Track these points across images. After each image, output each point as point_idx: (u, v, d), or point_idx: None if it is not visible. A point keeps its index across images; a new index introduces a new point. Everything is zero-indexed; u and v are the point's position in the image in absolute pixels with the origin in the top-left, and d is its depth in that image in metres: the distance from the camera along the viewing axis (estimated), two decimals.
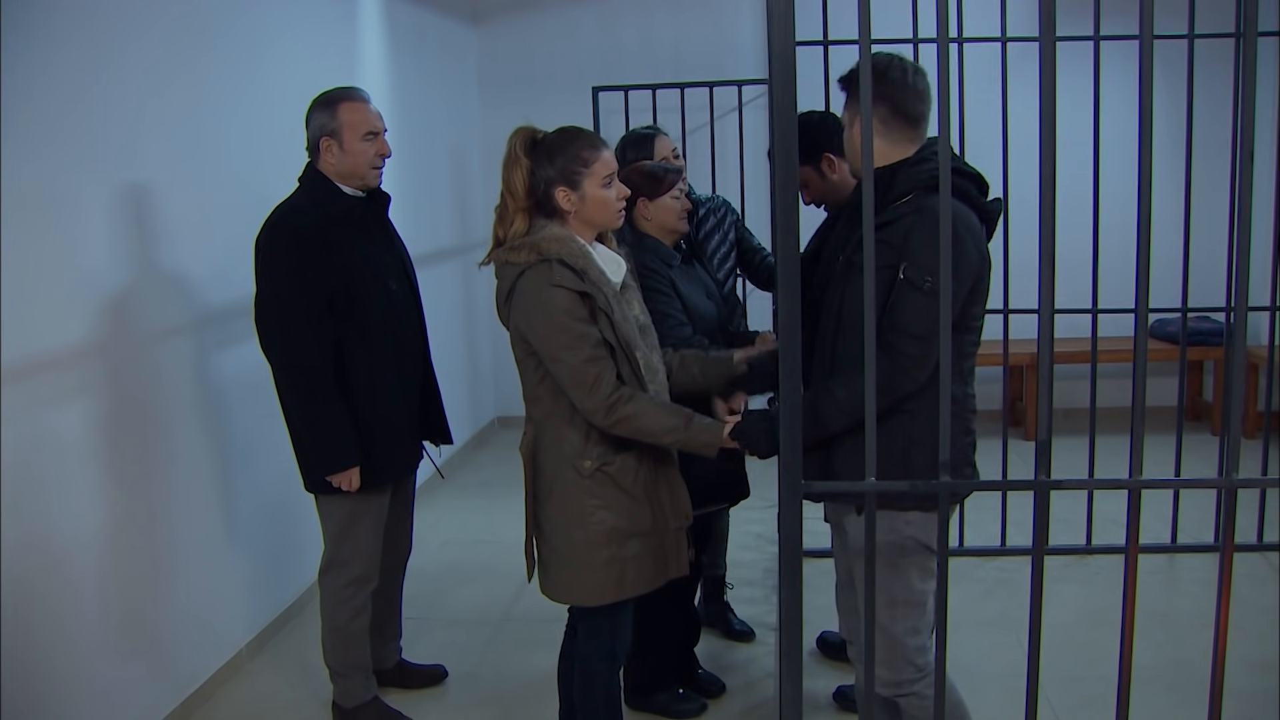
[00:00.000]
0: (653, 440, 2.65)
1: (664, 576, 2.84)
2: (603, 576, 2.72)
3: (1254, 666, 3.64)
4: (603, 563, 2.71)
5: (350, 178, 3.27)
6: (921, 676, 2.58)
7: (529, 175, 2.66)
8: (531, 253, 2.61)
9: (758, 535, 5.12)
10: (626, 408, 2.59)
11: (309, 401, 3.20)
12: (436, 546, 5.07)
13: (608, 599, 2.76)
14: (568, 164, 2.66)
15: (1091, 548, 4.78)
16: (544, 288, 2.58)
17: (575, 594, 2.79)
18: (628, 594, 2.77)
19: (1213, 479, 2.12)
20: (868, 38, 1.77)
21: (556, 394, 2.66)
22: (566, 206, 2.68)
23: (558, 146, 2.68)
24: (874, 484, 1.89)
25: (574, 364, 2.58)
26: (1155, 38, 1.75)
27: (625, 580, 2.75)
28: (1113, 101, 4.62)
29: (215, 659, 3.84)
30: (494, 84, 7.22)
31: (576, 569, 2.74)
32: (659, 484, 2.79)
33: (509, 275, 2.66)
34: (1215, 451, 5.37)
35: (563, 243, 2.63)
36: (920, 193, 2.43)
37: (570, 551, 2.73)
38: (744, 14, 6.99)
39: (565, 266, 2.60)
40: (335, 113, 3.22)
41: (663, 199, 3.23)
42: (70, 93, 3.12)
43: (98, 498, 3.24)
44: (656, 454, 2.79)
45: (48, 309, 3.02)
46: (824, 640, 3.88)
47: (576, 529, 2.71)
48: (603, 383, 2.59)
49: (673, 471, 2.85)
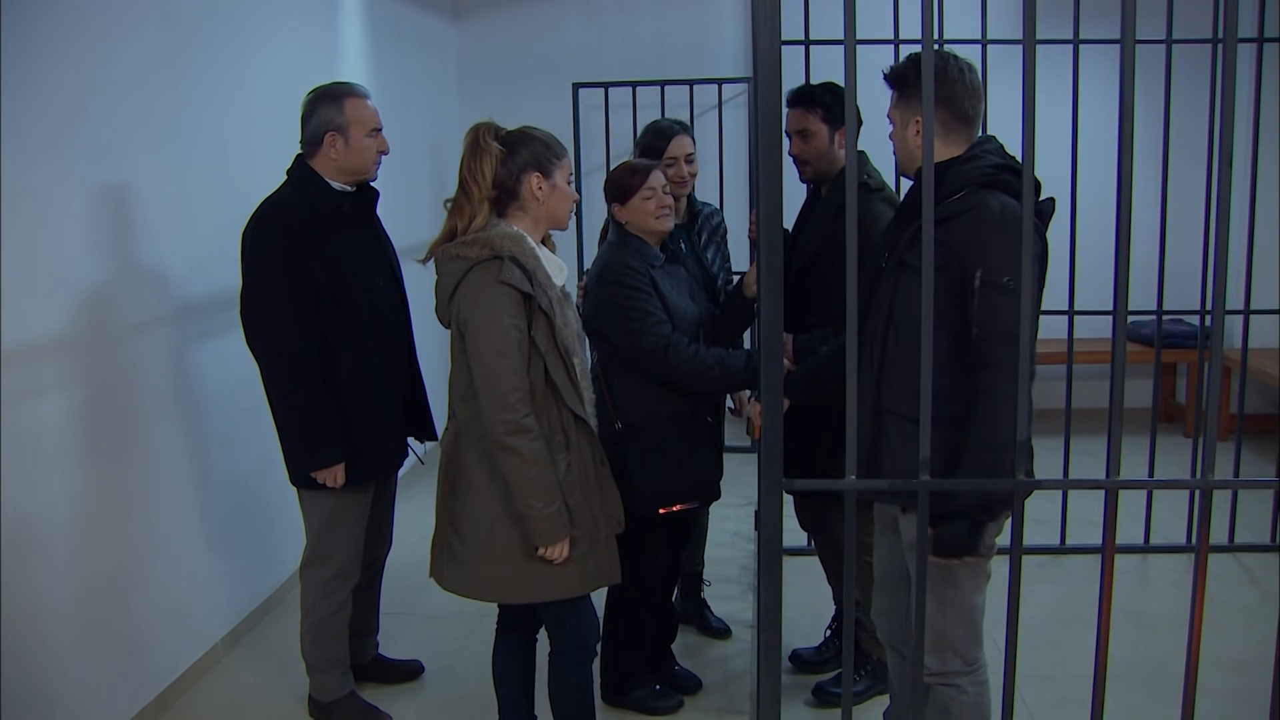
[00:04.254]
0: (514, 488, 2.62)
1: (594, 583, 2.83)
2: (524, 576, 2.72)
3: (1226, 666, 3.68)
4: (523, 563, 2.71)
5: (353, 173, 3.27)
6: (969, 671, 2.60)
7: (498, 163, 2.66)
8: (484, 248, 2.61)
9: (735, 533, 5.13)
10: (526, 444, 2.59)
11: (295, 396, 3.19)
12: (414, 542, 5.04)
13: (527, 598, 2.76)
14: (543, 152, 2.70)
15: (1066, 547, 4.81)
16: (491, 284, 2.58)
17: (491, 590, 2.79)
18: (551, 597, 2.76)
19: (1188, 480, 2.13)
20: (852, 38, 1.78)
21: None
22: (537, 194, 2.69)
23: (530, 137, 2.72)
24: (854, 482, 1.90)
25: (499, 370, 2.57)
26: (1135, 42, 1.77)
27: (547, 582, 2.74)
28: (1091, 105, 4.65)
29: (191, 653, 3.82)
30: (474, 80, 7.20)
31: (494, 565, 2.73)
32: (591, 490, 2.79)
33: (456, 270, 2.64)
34: (1188, 453, 5.41)
35: (516, 241, 2.64)
36: (972, 190, 2.43)
37: (489, 549, 2.72)
38: (726, 12, 7.00)
39: (516, 265, 2.60)
40: (342, 108, 3.21)
41: (633, 202, 3.24)
42: (49, 87, 3.09)
43: (74, 491, 3.22)
44: (591, 458, 2.79)
45: (25, 302, 3.00)
46: (797, 656, 3.84)
47: (498, 529, 2.70)
48: (520, 402, 2.59)
49: (606, 476, 2.84)
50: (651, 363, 3.15)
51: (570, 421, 2.73)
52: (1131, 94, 1.77)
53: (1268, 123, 4.60)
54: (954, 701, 2.61)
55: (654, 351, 3.14)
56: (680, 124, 3.70)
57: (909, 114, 2.55)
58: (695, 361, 3.16)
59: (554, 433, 2.70)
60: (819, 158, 3.33)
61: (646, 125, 3.78)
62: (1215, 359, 1.91)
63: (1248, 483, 2.15)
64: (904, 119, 2.57)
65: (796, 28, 4.37)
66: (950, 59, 2.51)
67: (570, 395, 2.71)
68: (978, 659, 2.64)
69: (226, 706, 3.69)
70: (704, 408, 3.33)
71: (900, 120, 2.59)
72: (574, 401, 2.72)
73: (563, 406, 2.71)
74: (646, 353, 3.14)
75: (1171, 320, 6.40)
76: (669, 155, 3.58)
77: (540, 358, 2.65)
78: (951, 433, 2.40)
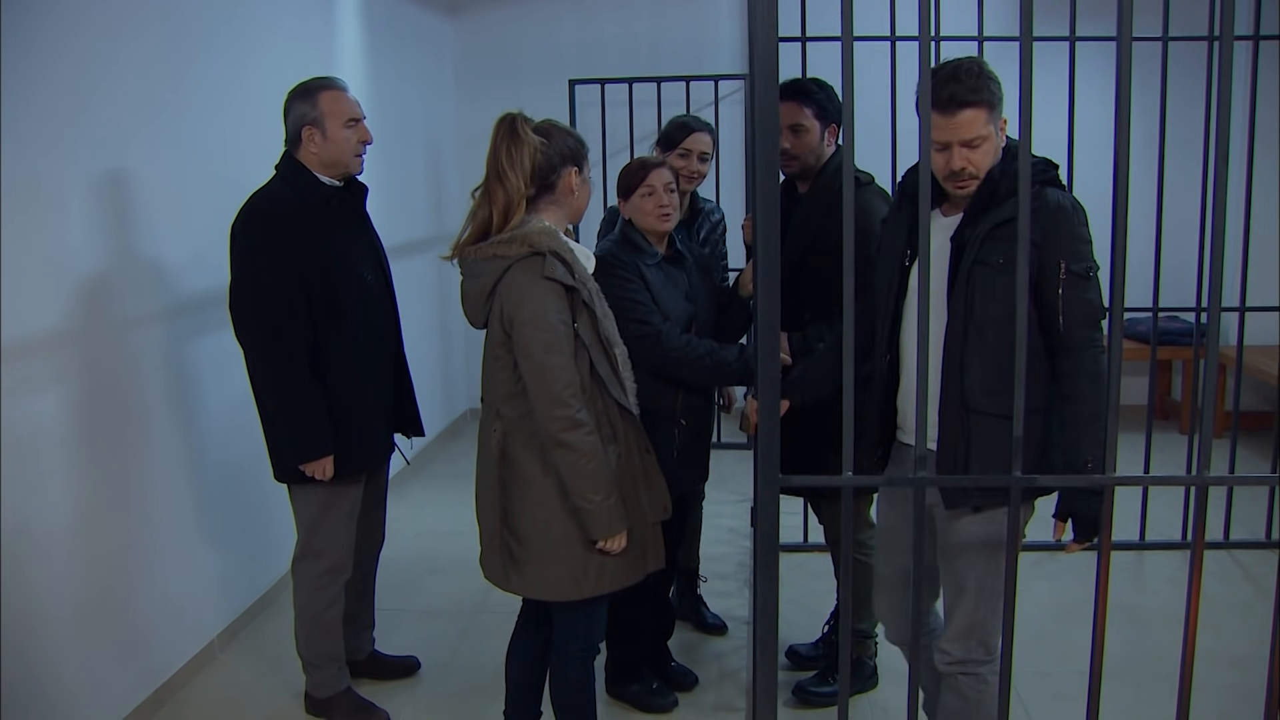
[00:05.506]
0: (571, 483, 2.63)
1: (642, 570, 2.84)
2: (581, 571, 2.72)
3: (1222, 662, 3.69)
4: (581, 557, 2.71)
5: (334, 166, 3.26)
6: (989, 660, 2.62)
7: (539, 154, 2.63)
8: (523, 245, 2.58)
9: (730, 529, 5.14)
10: (582, 439, 2.59)
11: (283, 389, 3.19)
12: (410, 538, 5.06)
13: (586, 593, 2.75)
14: (576, 146, 2.71)
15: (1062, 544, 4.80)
16: (536, 280, 2.56)
17: (552, 589, 2.77)
18: (606, 588, 2.77)
19: (1184, 476, 2.14)
20: (849, 34, 1.78)
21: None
22: (574, 188, 2.70)
23: (563, 130, 2.72)
24: (850, 479, 1.91)
25: (550, 366, 2.56)
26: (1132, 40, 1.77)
27: (605, 574, 2.75)
28: (1088, 102, 4.65)
29: (187, 649, 3.82)
30: (470, 76, 7.20)
31: (553, 564, 2.73)
32: (638, 478, 2.80)
33: (494, 269, 2.62)
34: (1183, 450, 5.42)
35: (553, 236, 2.62)
36: (1033, 186, 2.44)
37: (546, 547, 2.72)
38: (723, 9, 7.00)
39: (558, 260, 2.59)
40: (316, 102, 3.21)
41: (633, 199, 3.25)
42: (50, 84, 3.09)
43: (70, 485, 3.21)
44: (637, 447, 2.80)
45: (23, 296, 2.99)
46: (793, 652, 3.85)
47: (555, 525, 2.70)
48: (574, 397, 2.59)
49: (652, 465, 2.85)
50: (643, 350, 3.12)
51: (615, 413, 2.74)
52: (1128, 91, 1.78)
53: (1264, 120, 4.61)
54: (973, 690, 2.63)
55: (644, 339, 3.13)
56: (705, 124, 3.75)
57: (995, 116, 2.50)
58: (687, 350, 3.17)
59: (601, 425, 2.69)
60: (808, 153, 3.31)
61: (671, 118, 3.84)
62: (1211, 356, 1.92)
63: (1243, 479, 2.16)
64: (995, 128, 2.52)
65: (793, 24, 4.37)
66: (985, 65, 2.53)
67: (614, 386, 2.71)
68: (998, 648, 2.67)
69: (223, 702, 3.69)
70: (679, 410, 3.31)
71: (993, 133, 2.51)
72: (618, 392, 2.72)
73: (608, 398, 2.71)
74: (636, 339, 3.13)
75: (1166, 317, 6.40)
76: (684, 146, 3.66)
77: (585, 350, 2.64)
78: (1040, 424, 2.50)
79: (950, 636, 2.64)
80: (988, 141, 2.46)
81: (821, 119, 3.29)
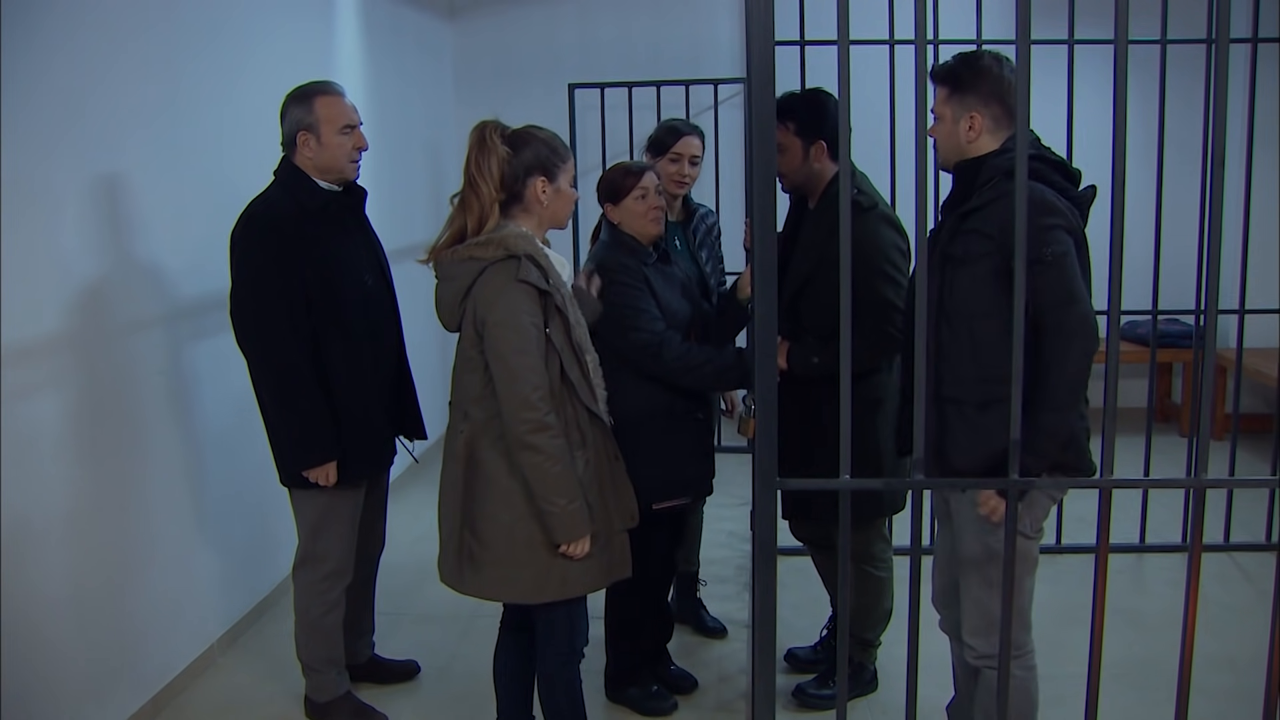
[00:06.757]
0: (536, 486, 2.63)
1: (608, 577, 2.84)
2: (544, 575, 2.72)
3: (1220, 664, 3.69)
4: (544, 561, 2.71)
5: (329, 171, 3.26)
6: (1017, 655, 2.62)
7: (505, 164, 2.66)
8: (499, 248, 2.61)
9: (730, 533, 5.14)
10: (548, 441, 2.60)
11: (285, 394, 3.19)
12: (410, 542, 5.05)
13: (548, 597, 2.76)
14: (548, 154, 2.70)
15: (1061, 547, 4.82)
16: (510, 283, 2.59)
17: (511, 591, 2.78)
18: (570, 593, 2.77)
19: (1183, 479, 2.14)
20: (846, 38, 1.79)
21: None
22: (541, 198, 2.69)
23: (535, 138, 2.71)
24: (848, 481, 1.91)
25: (520, 369, 2.58)
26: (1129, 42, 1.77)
27: (568, 580, 2.75)
28: (1086, 105, 4.65)
29: (187, 653, 3.81)
30: (470, 80, 7.20)
31: (516, 567, 2.73)
32: (605, 485, 2.80)
33: (468, 272, 2.64)
34: (1183, 452, 5.41)
35: (529, 240, 2.65)
36: (1001, 178, 2.47)
37: (510, 550, 2.72)
38: (722, 13, 7.00)
39: (533, 264, 2.60)
40: (312, 107, 3.21)
41: (625, 202, 3.25)
42: (47, 86, 3.09)
43: (69, 490, 3.21)
44: (605, 454, 2.80)
45: (22, 301, 2.99)
46: (792, 655, 3.84)
47: (519, 528, 2.70)
48: (542, 400, 2.60)
49: (620, 472, 2.86)
50: (644, 359, 3.15)
51: (585, 419, 2.74)
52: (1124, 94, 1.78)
53: (1262, 122, 4.61)
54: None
55: (647, 348, 3.14)
56: (695, 127, 3.74)
57: (962, 110, 2.58)
58: (687, 358, 3.17)
59: (570, 430, 2.70)
60: (793, 172, 3.24)
61: (660, 122, 3.81)
62: (1209, 358, 1.92)
63: (1242, 482, 2.16)
64: (956, 115, 2.60)
65: (792, 28, 4.37)
66: (1003, 59, 2.57)
67: (585, 392, 2.72)
68: (1025, 643, 2.71)
69: (222, 707, 3.68)
70: (695, 404, 3.33)
71: (951, 116, 2.61)
72: (588, 398, 2.73)
73: (577, 403, 2.72)
74: (639, 349, 3.14)
75: (1166, 320, 6.41)
76: (675, 151, 3.65)
77: (556, 355, 2.65)
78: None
79: (976, 631, 2.67)
80: (942, 122, 2.59)
81: (804, 136, 3.19)
